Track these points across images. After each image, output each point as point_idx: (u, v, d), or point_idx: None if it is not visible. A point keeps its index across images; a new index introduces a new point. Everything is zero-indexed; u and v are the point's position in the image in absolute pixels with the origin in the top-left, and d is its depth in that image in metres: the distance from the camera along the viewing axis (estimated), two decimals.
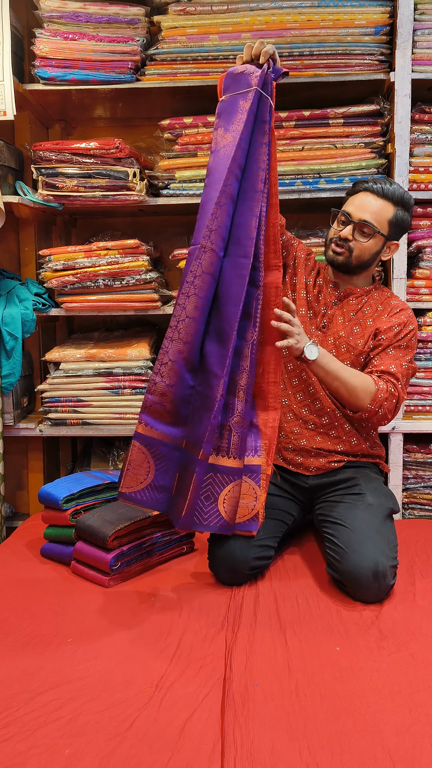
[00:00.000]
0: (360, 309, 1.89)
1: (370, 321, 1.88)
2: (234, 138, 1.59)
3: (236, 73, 1.64)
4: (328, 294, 1.92)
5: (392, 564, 1.59)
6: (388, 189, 1.81)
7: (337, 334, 1.87)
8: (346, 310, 1.90)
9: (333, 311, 1.90)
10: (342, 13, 2.18)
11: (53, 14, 2.23)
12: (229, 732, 1.12)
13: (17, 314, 2.23)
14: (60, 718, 1.16)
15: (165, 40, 2.23)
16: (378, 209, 1.80)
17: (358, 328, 1.87)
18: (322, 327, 1.90)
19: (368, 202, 1.81)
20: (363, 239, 1.81)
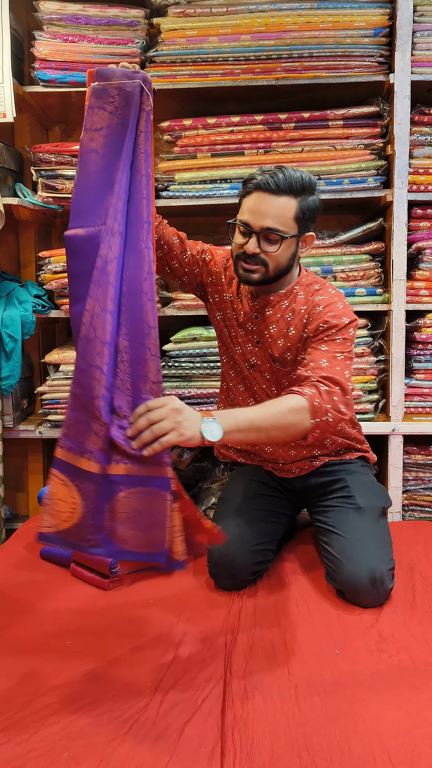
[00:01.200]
0: (281, 317, 1.69)
1: (293, 330, 1.67)
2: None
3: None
4: (248, 307, 1.74)
5: (389, 567, 1.58)
6: (283, 180, 1.53)
7: (267, 352, 1.73)
8: (269, 322, 1.71)
9: (257, 326, 1.73)
10: (341, 15, 2.18)
11: (53, 16, 2.23)
12: (229, 735, 1.11)
13: (17, 316, 2.23)
14: (59, 720, 1.16)
15: (164, 42, 2.23)
16: (279, 209, 1.54)
17: (282, 341, 1.69)
18: (256, 343, 1.74)
19: (265, 204, 1.54)
20: (273, 248, 1.56)
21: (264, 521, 1.75)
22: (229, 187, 2.28)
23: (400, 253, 2.24)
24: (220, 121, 2.26)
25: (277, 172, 1.54)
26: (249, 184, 1.58)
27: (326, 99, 2.31)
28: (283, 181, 1.53)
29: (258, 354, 1.76)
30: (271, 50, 2.21)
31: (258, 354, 1.76)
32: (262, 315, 1.71)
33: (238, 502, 1.79)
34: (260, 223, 1.55)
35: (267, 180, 1.53)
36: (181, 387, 2.35)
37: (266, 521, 1.76)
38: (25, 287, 2.38)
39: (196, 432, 1.29)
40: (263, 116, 2.25)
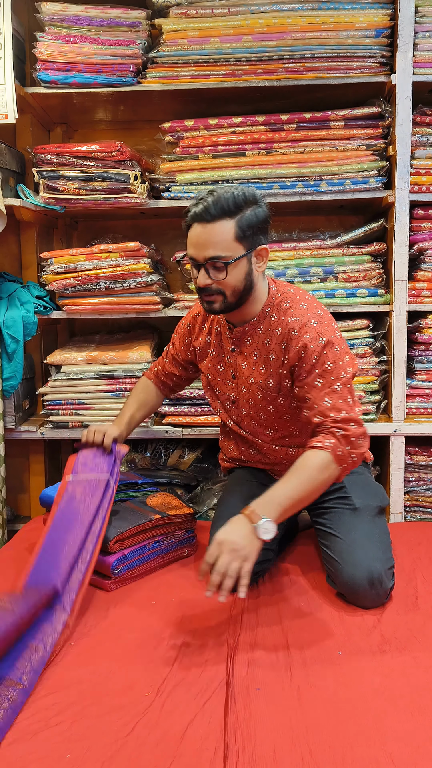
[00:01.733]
0: (260, 344, 1.67)
1: (273, 356, 1.64)
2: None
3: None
4: (226, 340, 1.75)
5: (388, 566, 1.58)
6: (214, 204, 1.49)
7: (248, 381, 1.72)
8: (247, 352, 1.70)
9: (234, 358, 1.73)
10: (343, 15, 2.18)
11: (54, 18, 2.23)
12: (231, 737, 1.11)
13: (18, 317, 2.23)
14: (61, 722, 1.16)
15: (166, 43, 2.23)
16: (217, 235, 1.50)
17: (264, 368, 1.67)
18: (232, 378, 1.76)
19: (203, 234, 1.51)
20: (221, 275, 1.53)
21: None
22: None
23: (401, 254, 2.24)
24: (222, 122, 2.26)
25: (207, 198, 1.51)
26: (186, 218, 1.56)
27: (328, 100, 2.31)
28: (213, 206, 1.50)
29: (236, 389, 1.78)
30: (273, 51, 2.21)
31: (236, 389, 1.78)
32: (239, 347, 1.71)
33: (237, 503, 1.78)
34: (203, 254, 1.53)
35: (199, 209, 1.51)
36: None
37: None
38: (27, 288, 2.38)
39: (255, 546, 1.39)
40: (265, 117, 2.25)
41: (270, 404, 1.71)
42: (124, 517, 1.79)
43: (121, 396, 2.33)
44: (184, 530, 1.88)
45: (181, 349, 1.93)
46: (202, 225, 1.51)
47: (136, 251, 2.27)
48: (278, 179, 2.27)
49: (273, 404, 1.71)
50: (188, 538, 1.90)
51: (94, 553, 1.59)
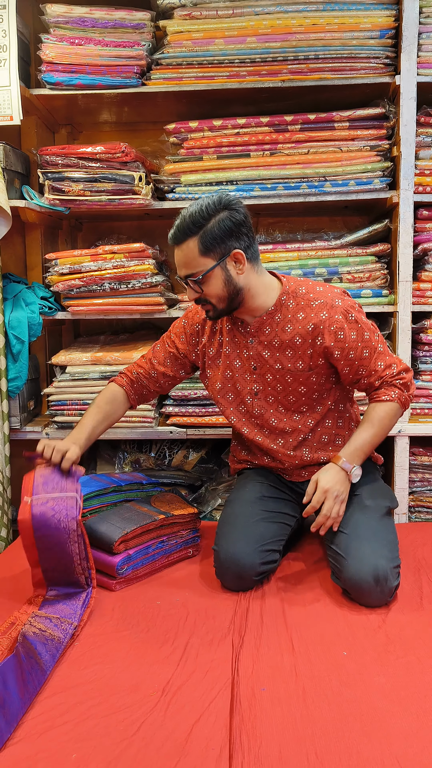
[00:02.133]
0: (280, 330, 1.72)
1: (299, 339, 1.71)
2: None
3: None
4: (241, 335, 1.78)
5: (393, 565, 1.58)
6: (178, 227, 1.61)
7: (273, 368, 1.75)
8: (267, 341, 1.74)
9: (254, 349, 1.76)
10: (347, 16, 2.18)
11: (59, 19, 2.24)
12: (237, 737, 1.11)
13: (24, 318, 2.24)
14: (66, 722, 1.16)
15: (171, 45, 2.24)
16: (185, 256, 1.62)
17: (291, 352, 1.73)
18: (253, 369, 1.78)
19: (176, 256, 1.65)
20: (203, 287, 1.64)
21: (271, 522, 1.76)
22: (235, 189, 2.29)
23: (406, 254, 2.24)
24: (226, 123, 2.26)
25: (175, 224, 1.62)
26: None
27: (332, 101, 2.31)
28: (178, 231, 1.61)
29: (259, 379, 1.78)
30: (277, 52, 2.21)
31: (259, 379, 1.78)
32: (257, 337, 1.75)
33: (245, 503, 1.80)
34: (181, 274, 1.67)
35: (171, 234, 1.64)
36: (186, 388, 2.35)
37: (273, 522, 1.76)
38: (32, 289, 2.39)
39: (348, 489, 1.68)
40: (269, 118, 2.25)
41: (301, 385, 1.76)
42: (128, 517, 1.80)
43: None
44: (189, 530, 1.89)
45: (186, 350, 1.90)
46: (175, 247, 1.65)
47: (141, 252, 2.28)
48: (282, 180, 2.28)
49: (305, 384, 1.76)
50: (193, 539, 1.90)
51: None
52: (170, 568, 1.83)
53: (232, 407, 1.86)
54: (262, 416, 1.81)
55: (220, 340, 1.84)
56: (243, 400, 1.83)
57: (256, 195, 2.28)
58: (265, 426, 1.82)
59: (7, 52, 2.17)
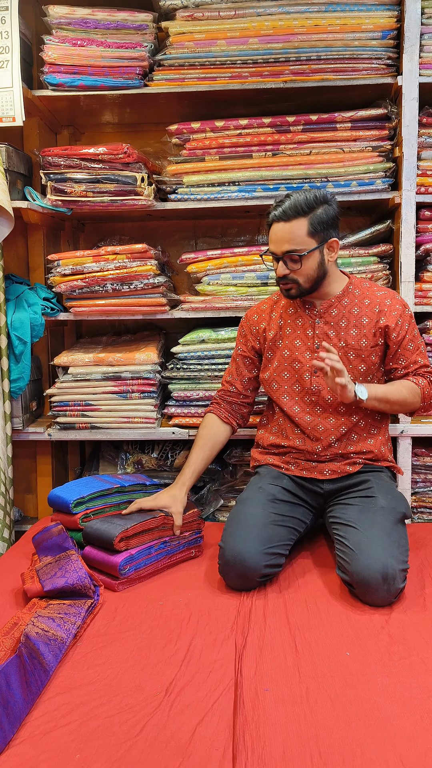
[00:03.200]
0: (347, 312, 1.88)
1: (365, 319, 1.87)
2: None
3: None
4: (306, 317, 1.91)
5: (402, 567, 1.58)
6: (290, 206, 1.76)
7: (338, 345, 1.87)
8: (333, 321, 1.89)
9: (320, 329, 1.89)
10: (349, 17, 2.18)
11: (62, 21, 2.24)
12: (240, 737, 1.11)
13: (26, 319, 2.24)
14: (70, 722, 1.17)
15: (173, 46, 2.24)
16: (291, 233, 1.76)
17: (356, 330, 1.87)
18: (315, 348, 1.88)
19: (280, 232, 1.78)
20: (297, 266, 1.79)
21: (280, 526, 1.76)
22: (237, 189, 2.29)
23: (408, 255, 2.24)
24: (228, 124, 2.26)
25: (285, 201, 1.77)
26: (267, 219, 1.82)
27: (334, 101, 2.31)
28: (290, 207, 1.75)
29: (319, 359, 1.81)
30: (279, 53, 2.21)
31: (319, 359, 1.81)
32: (324, 318, 1.89)
33: (257, 504, 1.80)
34: (280, 248, 1.79)
35: (277, 213, 1.78)
36: (188, 389, 2.35)
37: (282, 526, 1.77)
38: (34, 290, 2.39)
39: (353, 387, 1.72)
40: (271, 119, 2.25)
41: (362, 362, 1.88)
42: (129, 516, 1.80)
43: (128, 397, 2.34)
44: (191, 531, 1.89)
45: (254, 345, 2.01)
46: (280, 223, 1.78)
47: (143, 253, 2.28)
48: (285, 181, 2.28)
49: (365, 362, 1.88)
50: (195, 539, 1.90)
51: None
52: (173, 568, 1.83)
53: (286, 385, 1.93)
54: (319, 393, 1.88)
55: (280, 323, 1.95)
56: (301, 377, 1.91)
57: (259, 196, 2.28)
58: (319, 403, 1.89)
59: (10, 54, 2.17)
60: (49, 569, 1.66)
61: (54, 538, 1.80)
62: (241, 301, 2.33)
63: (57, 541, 1.79)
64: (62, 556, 1.69)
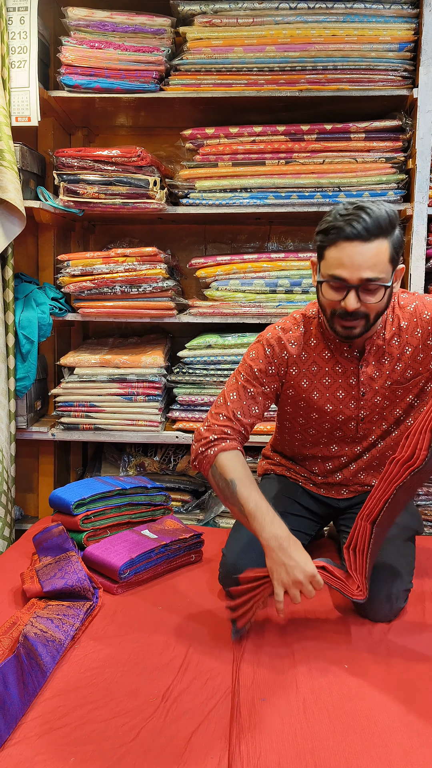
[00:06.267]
0: (388, 345, 1.60)
1: (409, 349, 1.60)
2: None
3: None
4: (347, 362, 1.62)
5: (406, 588, 1.57)
6: (373, 223, 1.39)
7: (383, 386, 1.63)
8: (375, 361, 1.62)
9: (364, 375, 1.62)
10: (367, 28, 2.19)
11: (80, 23, 2.25)
12: (236, 746, 1.11)
13: (34, 318, 2.25)
14: (66, 725, 1.16)
15: (190, 51, 2.25)
16: (374, 256, 1.41)
17: (401, 365, 1.61)
18: (361, 397, 1.64)
19: (360, 254, 1.40)
20: (375, 298, 1.45)
21: None
22: (249, 196, 2.29)
23: (418, 267, 2.23)
24: (243, 131, 2.27)
25: (362, 216, 1.39)
26: (331, 233, 1.42)
27: (348, 111, 2.31)
28: (372, 225, 1.39)
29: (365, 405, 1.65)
30: (296, 62, 2.22)
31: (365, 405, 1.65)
32: (367, 360, 1.61)
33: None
34: (358, 275, 1.41)
35: (357, 228, 1.39)
36: (193, 394, 2.35)
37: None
38: (43, 290, 2.40)
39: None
40: (285, 127, 2.26)
41: (409, 393, 1.64)
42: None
43: (133, 400, 2.33)
44: (192, 535, 1.88)
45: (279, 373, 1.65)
46: (359, 242, 1.40)
47: (153, 256, 2.28)
48: (297, 189, 2.28)
49: (412, 392, 1.64)
50: (195, 545, 1.90)
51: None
52: (173, 573, 1.82)
53: (324, 436, 1.71)
54: (365, 437, 1.69)
55: (313, 370, 1.64)
56: (345, 426, 1.69)
57: (270, 203, 2.28)
58: (359, 444, 1.71)
59: (28, 54, 2.18)
60: (48, 570, 1.66)
61: (54, 539, 1.80)
62: (249, 308, 2.33)
63: (57, 541, 1.79)
64: (62, 557, 1.69)
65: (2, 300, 2.19)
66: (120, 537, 1.83)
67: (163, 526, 1.93)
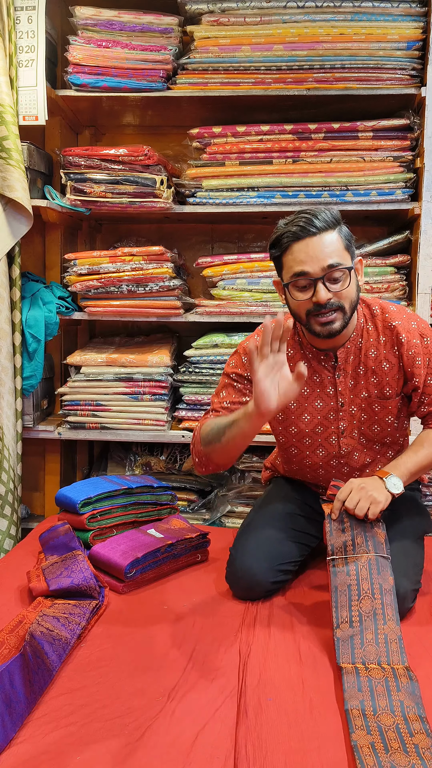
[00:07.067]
0: (364, 356, 1.62)
1: (386, 365, 1.62)
2: None
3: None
4: (325, 371, 1.64)
5: (414, 588, 1.57)
6: (318, 219, 1.47)
7: (359, 398, 1.65)
8: (351, 370, 1.63)
9: (342, 384, 1.64)
10: (375, 27, 2.18)
11: (88, 22, 2.25)
12: (242, 746, 1.10)
13: (41, 317, 2.25)
14: (71, 723, 1.16)
15: (197, 50, 2.25)
16: (329, 245, 1.48)
17: (376, 378, 1.63)
18: (339, 407, 1.66)
19: (315, 246, 1.47)
20: (342, 285, 1.49)
21: (293, 542, 1.72)
22: (256, 195, 2.29)
23: (426, 266, 2.23)
24: (250, 130, 2.26)
25: (304, 215, 1.49)
26: (283, 240, 1.51)
27: (356, 110, 2.31)
28: (318, 220, 1.48)
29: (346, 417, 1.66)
30: (303, 60, 2.21)
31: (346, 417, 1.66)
32: (344, 370, 1.63)
33: (273, 518, 1.76)
34: (319, 265, 1.48)
35: (303, 226, 1.48)
36: (200, 393, 2.35)
37: (295, 542, 1.73)
38: (50, 288, 2.40)
39: (384, 495, 1.51)
40: (293, 126, 2.25)
41: (389, 414, 1.66)
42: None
43: (139, 399, 2.33)
44: (198, 534, 1.88)
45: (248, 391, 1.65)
46: (310, 238, 1.48)
47: (160, 255, 2.28)
48: (304, 188, 2.28)
49: (391, 413, 1.66)
50: (201, 544, 1.90)
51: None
52: (178, 572, 1.82)
53: (308, 451, 1.72)
54: (349, 454, 1.70)
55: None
56: (326, 441, 1.70)
57: (278, 202, 2.28)
58: (346, 464, 1.72)
59: (35, 53, 2.19)
60: (55, 569, 1.66)
61: (61, 538, 1.80)
62: (256, 307, 2.32)
63: (64, 540, 1.79)
64: (68, 555, 1.69)
65: (9, 299, 2.19)
66: (126, 536, 1.83)
67: (169, 526, 1.93)
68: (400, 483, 1.56)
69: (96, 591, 1.59)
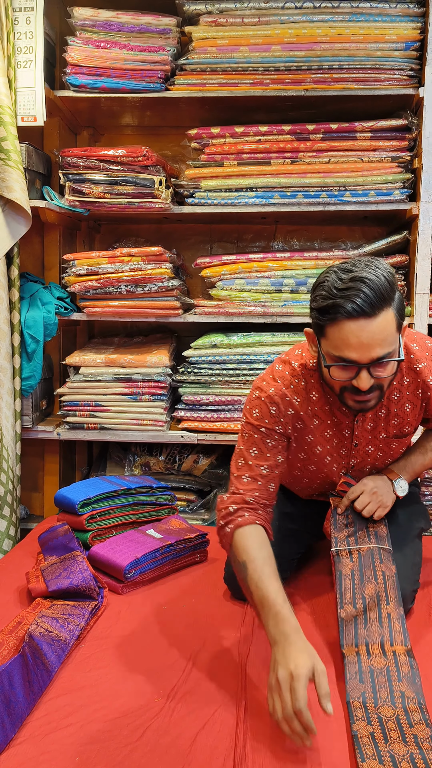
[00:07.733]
0: (387, 401, 1.54)
1: (408, 406, 1.55)
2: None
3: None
4: (343, 415, 1.54)
5: (413, 588, 1.57)
6: (375, 294, 1.26)
7: (377, 439, 1.58)
8: (371, 415, 1.55)
9: (359, 428, 1.57)
10: (373, 27, 2.18)
11: (86, 23, 2.25)
12: (242, 747, 1.11)
13: (39, 318, 2.25)
14: (71, 724, 1.16)
15: (195, 51, 2.25)
16: (382, 332, 1.28)
17: (398, 420, 1.56)
18: (353, 447, 1.59)
19: (367, 333, 1.27)
20: (386, 371, 1.35)
21: (290, 541, 1.73)
22: (255, 195, 2.29)
23: (424, 266, 2.23)
24: (248, 130, 2.27)
25: (362, 288, 1.25)
26: (331, 312, 1.29)
27: (354, 111, 2.31)
28: (375, 297, 1.25)
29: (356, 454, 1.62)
30: (301, 61, 2.21)
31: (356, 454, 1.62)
32: (364, 416, 1.54)
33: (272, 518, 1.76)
34: (368, 356, 1.30)
35: (360, 306, 1.25)
36: (198, 393, 2.35)
37: (292, 541, 1.74)
38: (49, 289, 2.40)
39: (392, 497, 1.60)
40: (291, 126, 2.25)
41: (402, 446, 1.65)
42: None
43: (138, 399, 2.33)
44: (197, 535, 1.88)
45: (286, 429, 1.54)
46: (364, 320, 1.27)
47: (158, 256, 2.28)
48: (302, 188, 2.28)
49: (405, 445, 1.67)
50: (200, 544, 1.90)
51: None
52: (178, 573, 1.82)
53: (309, 477, 1.70)
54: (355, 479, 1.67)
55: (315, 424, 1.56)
56: (331, 471, 1.65)
57: (276, 202, 2.28)
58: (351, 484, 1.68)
59: (33, 54, 2.19)
60: (54, 569, 1.66)
61: (60, 538, 1.80)
62: (255, 307, 2.32)
63: (63, 541, 1.79)
64: (67, 556, 1.69)
65: (8, 299, 2.19)
66: (125, 536, 1.83)
67: (168, 526, 1.93)
68: (406, 486, 1.63)
69: (95, 592, 1.59)
